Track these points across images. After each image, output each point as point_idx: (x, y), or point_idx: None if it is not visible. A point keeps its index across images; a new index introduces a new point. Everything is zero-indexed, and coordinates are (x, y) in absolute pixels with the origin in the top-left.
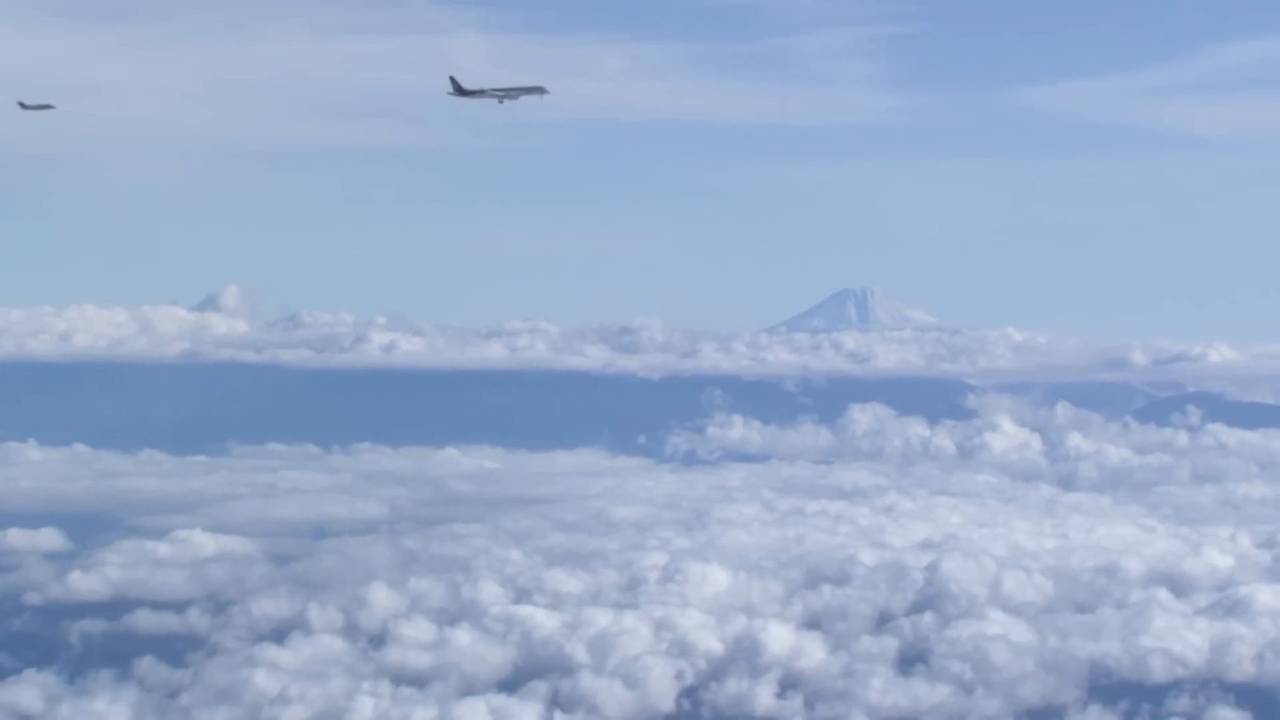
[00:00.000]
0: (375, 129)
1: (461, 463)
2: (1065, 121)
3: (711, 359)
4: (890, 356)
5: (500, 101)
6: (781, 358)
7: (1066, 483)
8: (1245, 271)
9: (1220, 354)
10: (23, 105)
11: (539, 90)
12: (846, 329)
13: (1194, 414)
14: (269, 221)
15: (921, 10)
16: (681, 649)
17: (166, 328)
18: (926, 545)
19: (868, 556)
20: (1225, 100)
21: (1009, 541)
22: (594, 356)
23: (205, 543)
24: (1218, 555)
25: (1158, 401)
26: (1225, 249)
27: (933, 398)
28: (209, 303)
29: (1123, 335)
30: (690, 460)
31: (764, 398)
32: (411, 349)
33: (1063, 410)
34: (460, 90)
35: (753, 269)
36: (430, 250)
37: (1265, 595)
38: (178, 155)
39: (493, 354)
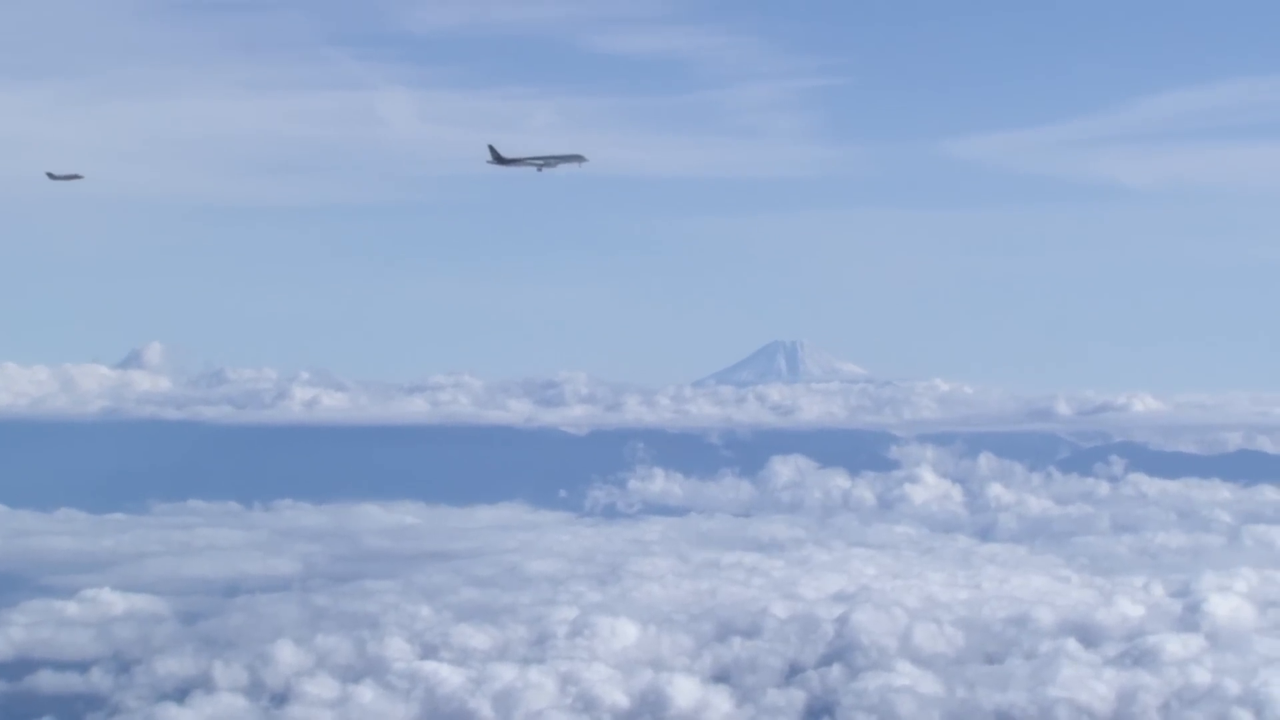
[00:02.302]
0: (301, 185)
1: (381, 518)
2: (992, 173)
3: (636, 412)
4: (815, 409)
5: (539, 170)
6: (706, 410)
7: (985, 533)
8: (1170, 322)
9: (1144, 404)
10: (51, 175)
11: (578, 158)
12: (776, 381)
13: (1117, 464)
14: (195, 278)
15: (848, 64)
16: (587, 703)
17: (88, 385)
18: (839, 597)
19: (780, 609)
20: (1151, 151)
21: (922, 593)
22: (516, 411)
23: (114, 602)
24: (1129, 605)
25: (1082, 452)
26: (1151, 299)
27: (855, 449)
28: (132, 360)
29: (1050, 385)
30: (610, 514)
31: (687, 451)
32: (334, 404)
33: (985, 461)
34: (499, 159)
35: (684, 322)
36: (357, 305)
37: (1173, 645)
38: (103, 211)
39: (415, 409)
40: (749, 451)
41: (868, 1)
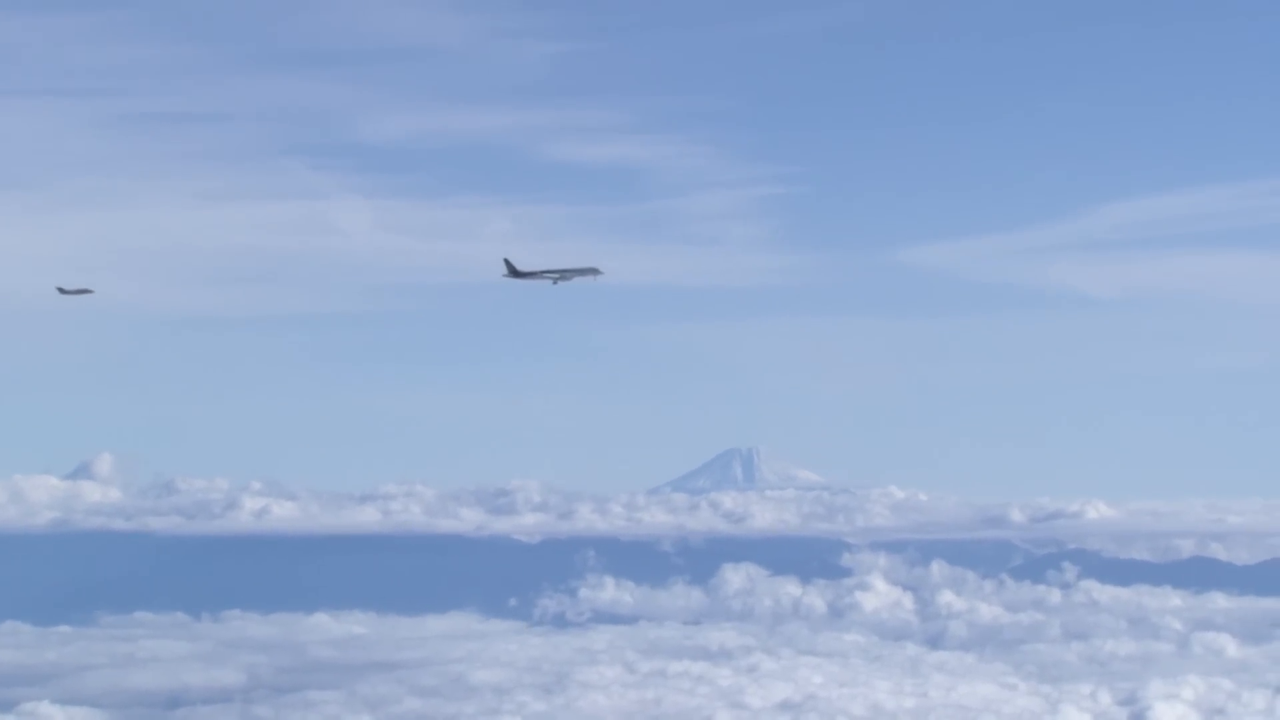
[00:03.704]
0: (255, 294)
1: (330, 628)
2: (949, 281)
3: (588, 520)
4: (768, 516)
5: (555, 283)
6: (659, 518)
7: (935, 641)
8: (1126, 429)
9: (1098, 511)
10: (61, 290)
11: (593, 271)
12: (732, 488)
13: (1069, 571)
14: (148, 388)
15: (804, 172)
16: None
17: (37, 497)
18: (786, 706)
19: (725, 718)
20: (1109, 259)
21: (869, 701)
22: (468, 519)
23: (54, 715)
24: (1076, 713)
25: (1035, 559)
26: (1107, 406)
27: (808, 557)
28: (82, 471)
29: (1006, 493)
30: (560, 623)
31: (638, 559)
32: (284, 514)
33: (938, 568)
34: (515, 272)
35: (640, 429)
36: (309, 414)
37: None
38: (52, 322)
39: (367, 518)
40: (700, 559)
41: (823, 110)
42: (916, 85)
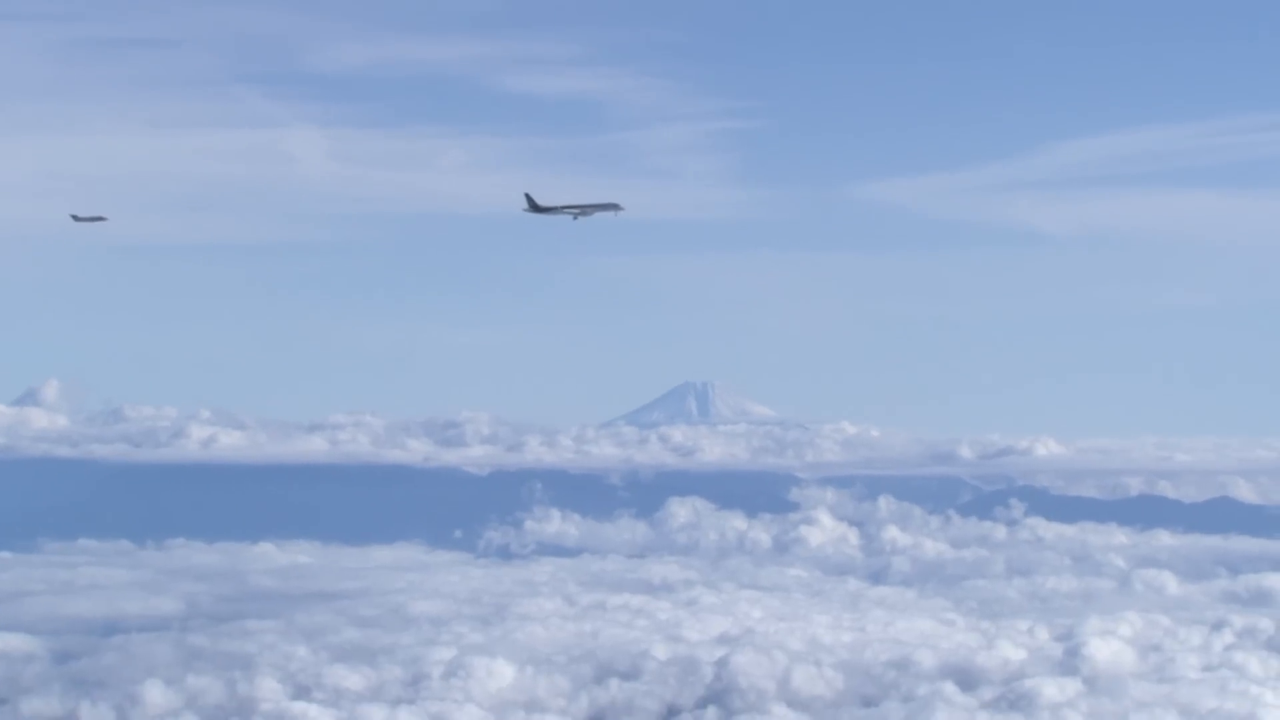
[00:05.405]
0: (208, 223)
1: (275, 558)
2: (906, 217)
3: (537, 453)
4: (717, 450)
5: (575, 218)
6: (608, 452)
7: (878, 577)
8: (1080, 366)
9: (1047, 448)
10: (75, 218)
11: (614, 207)
12: (686, 422)
13: (1016, 508)
14: (98, 314)
15: (761, 106)
16: None
17: None
18: (723, 639)
19: (661, 651)
20: (1065, 197)
21: (806, 635)
22: (416, 450)
23: None
24: (1011, 649)
25: (984, 495)
26: (1061, 344)
27: (756, 491)
28: (28, 397)
29: (959, 429)
30: (504, 554)
31: (586, 491)
32: (231, 443)
33: (885, 504)
34: (535, 207)
35: (595, 362)
36: (260, 343)
37: (1050, 689)
38: (2, 247)
39: (314, 448)
40: (648, 493)
41: (781, 45)
42: (875, 21)
